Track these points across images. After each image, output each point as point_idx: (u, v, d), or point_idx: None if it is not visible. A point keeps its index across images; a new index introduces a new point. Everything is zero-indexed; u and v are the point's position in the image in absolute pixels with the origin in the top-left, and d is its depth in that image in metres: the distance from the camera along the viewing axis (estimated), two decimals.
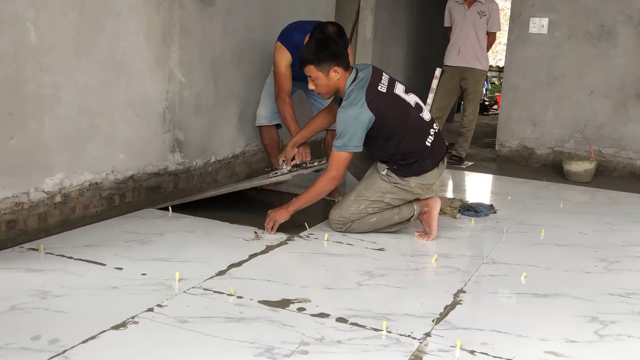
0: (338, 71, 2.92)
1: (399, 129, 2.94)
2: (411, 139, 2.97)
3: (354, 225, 3.05)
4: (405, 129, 2.96)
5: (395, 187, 3.02)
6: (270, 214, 3.01)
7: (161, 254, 2.63)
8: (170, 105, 3.44)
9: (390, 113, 2.93)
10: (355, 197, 3.04)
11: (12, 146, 2.55)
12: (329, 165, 2.98)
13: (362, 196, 3.04)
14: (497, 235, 3.24)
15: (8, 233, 2.59)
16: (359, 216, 3.03)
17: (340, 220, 3.04)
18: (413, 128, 2.99)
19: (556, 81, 5.51)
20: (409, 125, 2.98)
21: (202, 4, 3.59)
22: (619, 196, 4.44)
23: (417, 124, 3.02)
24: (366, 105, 2.86)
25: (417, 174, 3.01)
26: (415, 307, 2.23)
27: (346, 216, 3.03)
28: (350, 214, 3.03)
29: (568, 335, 2.06)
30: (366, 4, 6.67)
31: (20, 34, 2.52)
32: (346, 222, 3.04)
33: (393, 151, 2.99)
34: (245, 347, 1.84)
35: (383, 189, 3.03)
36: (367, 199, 3.02)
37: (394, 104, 2.97)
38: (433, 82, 4.39)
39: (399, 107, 2.98)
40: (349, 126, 2.86)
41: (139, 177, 3.29)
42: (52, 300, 2.09)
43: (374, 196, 3.03)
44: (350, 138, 2.87)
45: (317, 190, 3.00)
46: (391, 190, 3.03)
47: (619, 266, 2.84)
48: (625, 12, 5.21)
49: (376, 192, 3.03)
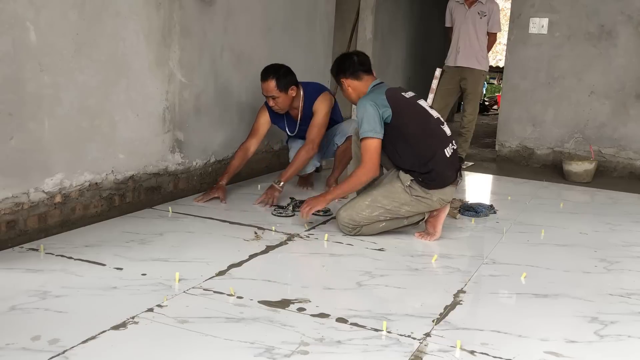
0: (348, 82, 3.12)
1: (418, 131, 2.97)
2: (431, 145, 2.98)
3: (363, 229, 3.02)
4: (425, 133, 2.98)
5: (415, 200, 2.98)
6: (308, 201, 3.09)
7: (161, 254, 2.63)
8: (170, 105, 3.44)
9: (410, 114, 2.99)
10: (371, 202, 2.99)
11: (12, 146, 2.55)
12: (362, 157, 2.99)
13: (379, 203, 2.98)
14: (497, 235, 3.24)
15: (8, 233, 2.59)
16: (369, 222, 3.00)
17: (350, 224, 3.00)
18: (433, 134, 3.01)
19: (556, 81, 5.51)
20: (429, 130, 3.00)
21: (202, 4, 3.59)
22: (619, 196, 4.44)
23: (437, 131, 3.03)
24: (385, 97, 2.94)
25: (440, 186, 2.98)
26: (415, 307, 2.23)
27: (357, 220, 2.99)
28: (361, 218, 2.99)
29: (568, 335, 2.06)
30: (366, 4, 6.68)
31: (20, 34, 2.52)
32: (356, 227, 3.00)
33: (413, 156, 2.96)
34: (245, 347, 1.84)
35: (402, 200, 2.98)
36: (384, 207, 2.98)
37: (414, 107, 3.05)
38: (433, 82, 4.40)
39: (419, 112, 3.05)
40: (367, 113, 2.93)
41: (139, 178, 3.29)
42: (52, 301, 2.09)
43: (390, 205, 2.98)
44: (370, 125, 2.92)
45: (354, 182, 3.02)
46: (410, 202, 2.98)
47: (619, 266, 2.84)
48: (625, 12, 5.21)
49: (394, 202, 2.98)
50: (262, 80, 3.57)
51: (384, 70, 7.10)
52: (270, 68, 3.60)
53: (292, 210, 3.37)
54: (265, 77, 3.56)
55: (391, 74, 7.40)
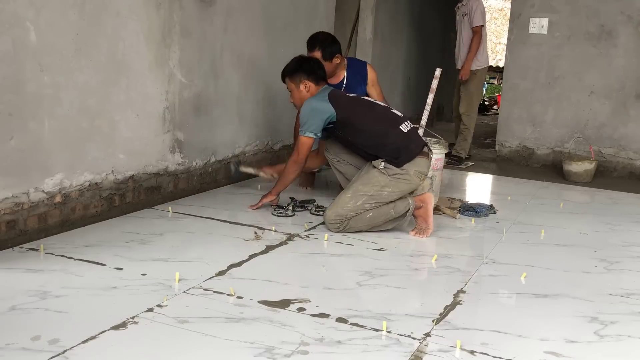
0: (307, 85, 3.31)
1: (365, 117, 3.21)
2: (382, 126, 3.19)
3: (350, 223, 3.06)
4: (373, 119, 3.21)
5: (394, 179, 3.08)
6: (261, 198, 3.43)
7: (161, 254, 2.63)
8: (170, 105, 3.44)
9: (352, 107, 3.24)
10: (353, 193, 3.08)
11: (12, 146, 2.55)
12: (295, 149, 3.32)
13: (360, 192, 3.07)
14: (497, 235, 3.24)
15: (8, 233, 2.59)
16: (355, 213, 3.05)
17: (337, 219, 3.05)
18: (381, 118, 3.24)
19: (556, 81, 5.51)
20: (376, 115, 3.24)
21: (202, 4, 3.59)
22: (619, 196, 4.44)
23: (385, 115, 3.27)
24: (327, 99, 3.21)
25: (409, 159, 3.12)
26: (415, 307, 2.23)
27: (343, 213, 3.04)
28: (347, 210, 3.04)
29: (568, 335, 2.06)
30: (366, 4, 6.68)
31: (20, 34, 2.52)
32: (343, 220, 3.05)
33: (370, 140, 3.16)
34: (245, 347, 1.84)
35: (381, 182, 3.08)
36: (365, 194, 3.06)
37: (356, 101, 3.33)
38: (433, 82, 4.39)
39: (362, 103, 3.31)
40: (308, 115, 3.20)
41: (139, 177, 3.29)
42: (52, 301, 2.09)
43: (372, 190, 3.07)
44: (309, 125, 3.19)
45: (285, 174, 3.35)
46: (389, 183, 3.08)
47: (619, 266, 2.84)
48: (625, 12, 5.21)
49: (374, 187, 3.07)
50: (309, 50, 3.75)
51: (384, 70, 7.09)
52: (316, 39, 3.77)
53: (292, 210, 3.38)
54: (312, 47, 3.74)
55: (391, 74, 7.40)
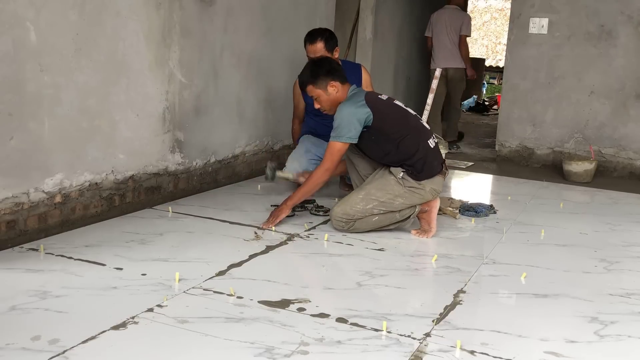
0: (335, 85, 3.05)
1: (400, 126, 3.06)
2: (414, 137, 3.07)
3: (356, 224, 3.05)
4: (407, 128, 3.07)
5: (408, 191, 3.04)
6: (273, 212, 3.15)
7: (161, 254, 2.63)
8: (170, 105, 3.44)
9: (390, 113, 3.08)
10: (365, 195, 3.04)
11: (12, 146, 2.55)
12: (325, 157, 3.06)
13: (372, 196, 3.04)
14: (497, 235, 3.24)
15: (8, 233, 2.59)
16: (362, 215, 3.03)
17: (343, 218, 3.03)
18: (414, 129, 3.10)
19: (556, 81, 5.51)
20: (410, 126, 3.10)
21: (202, 4, 3.59)
22: (619, 196, 4.44)
23: (417, 126, 3.14)
24: (364, 103, 3.00)
25: (429, 176, 3.06)
26: (415, 307, 2.23)
27: (351, 214, 3.02)
28: (355, 212, 3.02)
29: (568, 335, 2.06)
30: (366, 4, 6.67)
31: (20, 34, 2.52)
32: (349, 221, 3.04)
33: (400, 152, 3.03)
34: (245, 347, 1.84)
35: (396, 191, 3.04)
36: (377, 199, 3.03)
37: (392, 106, 3.14)
38: (433, 82, 4.40)
39: (398, 110, 3.14)
40: (344, 119, 2.97)
41: (139, 177, 3.29)
42: (52, 301, 2.09)
43: (384, 197, 3.03)
44: (347, 129, 2.96)
45: (313, 182, 3.10)
46: (403, 194, 3.04)
47: (619, 266, 2.84)
48: (625, 12, 5.21)
49: (388, 194, 3.03)
50: (311, 42, 3.72)
51: (384, 70, 7.09)
52: (317, 31, 3.78)
53: (292, 210, 3.37)
54: (314, 39, 3.72)
55: (391, 74, 7.40)
